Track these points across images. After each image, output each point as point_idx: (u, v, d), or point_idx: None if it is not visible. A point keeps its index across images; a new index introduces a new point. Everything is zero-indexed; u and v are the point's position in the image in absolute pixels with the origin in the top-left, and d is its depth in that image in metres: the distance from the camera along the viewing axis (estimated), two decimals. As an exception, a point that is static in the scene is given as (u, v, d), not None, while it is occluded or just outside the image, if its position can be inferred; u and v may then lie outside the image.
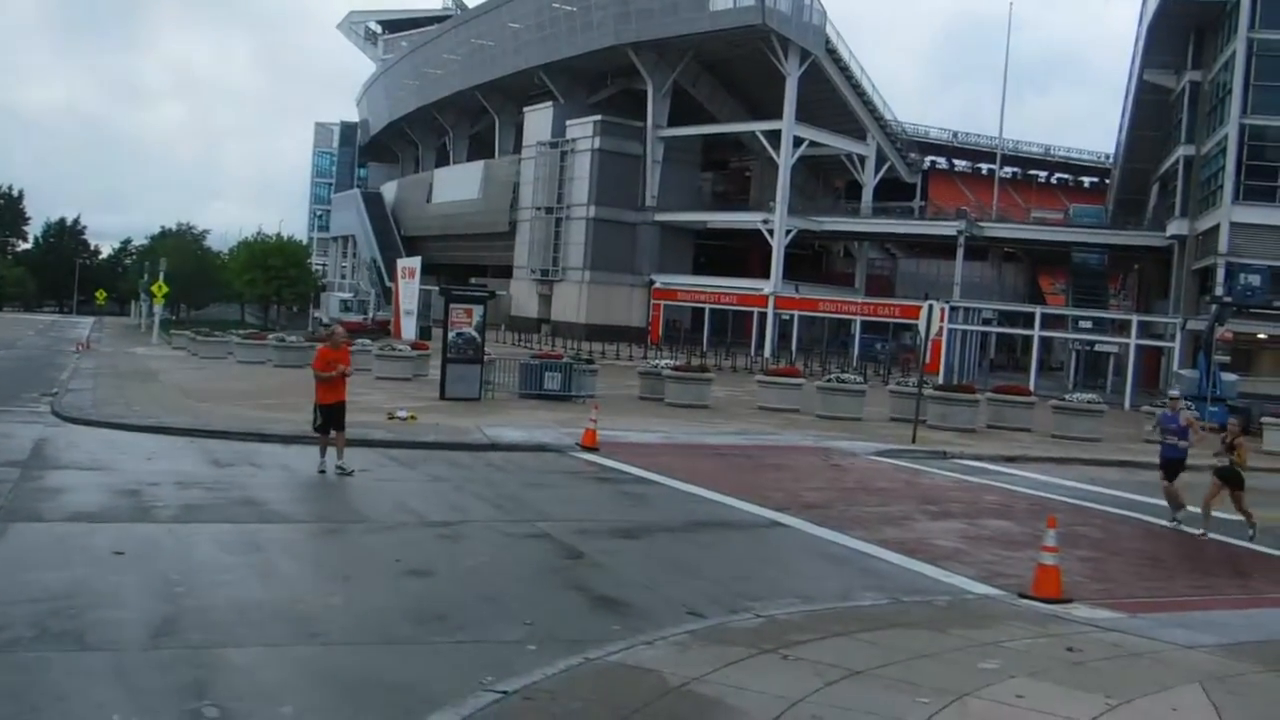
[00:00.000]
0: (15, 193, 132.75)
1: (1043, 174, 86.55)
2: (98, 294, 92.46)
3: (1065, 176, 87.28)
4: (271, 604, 8.52)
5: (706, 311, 65.89)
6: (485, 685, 6.52)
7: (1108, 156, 78.49)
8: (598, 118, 68.30)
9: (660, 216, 68.43)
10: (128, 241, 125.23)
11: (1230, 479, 13.92)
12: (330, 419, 14.88)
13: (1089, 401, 27.76)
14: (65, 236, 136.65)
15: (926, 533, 13.22)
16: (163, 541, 10.49)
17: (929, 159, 76.74)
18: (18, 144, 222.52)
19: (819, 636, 7.96)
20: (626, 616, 8.60)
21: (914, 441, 22.60)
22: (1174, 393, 16.90)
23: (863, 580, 10.46)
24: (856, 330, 60.51)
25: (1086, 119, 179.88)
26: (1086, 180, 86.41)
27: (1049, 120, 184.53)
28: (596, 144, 67.63)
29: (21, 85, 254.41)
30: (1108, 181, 76.73)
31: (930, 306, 24.07)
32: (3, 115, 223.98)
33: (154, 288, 55.02)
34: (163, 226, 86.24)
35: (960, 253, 61.46)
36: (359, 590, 9.15)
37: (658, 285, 67.83)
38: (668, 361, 34.09)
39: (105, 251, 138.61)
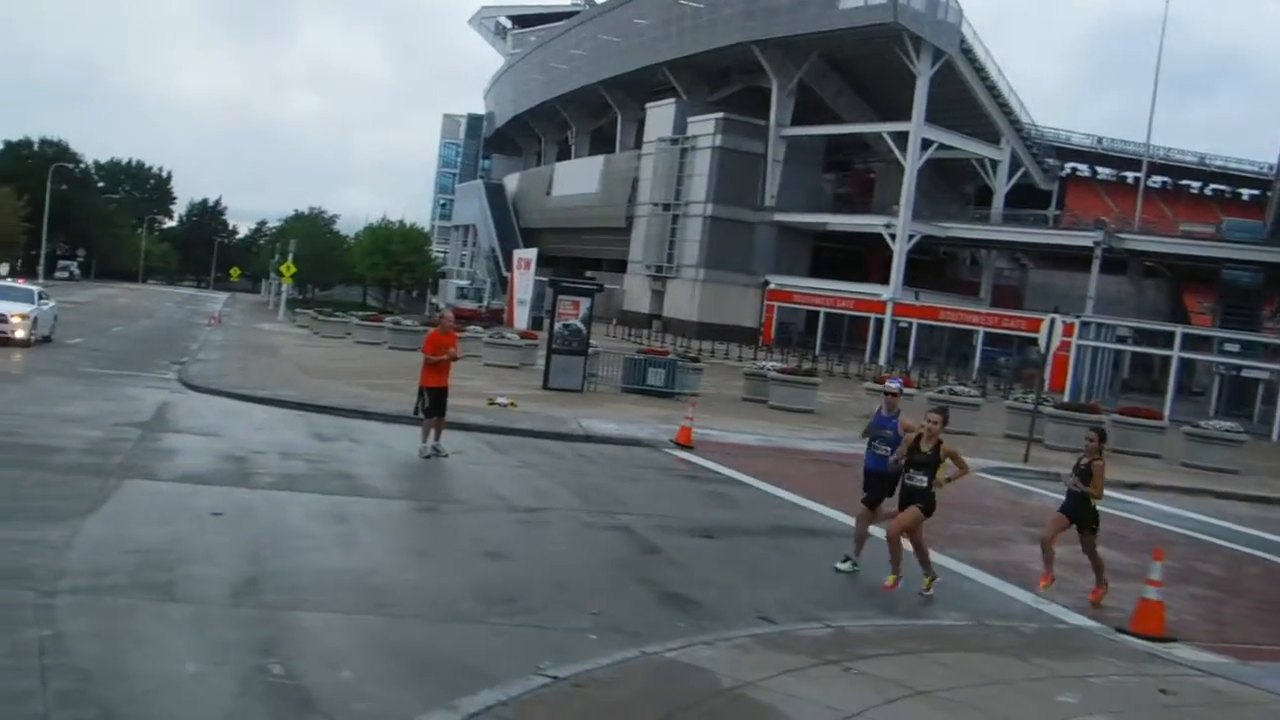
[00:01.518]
0: (165, 174, 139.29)
1: (1196, 184, 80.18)
2: (233, 271, 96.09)
3: (1221, 188, 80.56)
4: (348, 573, 8.75)
5: (821, 315, 65.10)
6: (540, 669, 6.58)
7: (1270, 167, 73.44)
8: (720, 115, 68.11)
9: (779, 217, 67.93)
10: (263, 223, 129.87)
11: (1080, 515, 10.74)
12: (435, 403, 15.15)
13: (1227, 430, 25.75)
14: (207, 216, 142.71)
15: (1025, 556, 12.66)
16: (258, 507, 10.87)
17: (1069, 165, 73.63)
18: (168, 129, 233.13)
19: (888, 652, 7.78)
20: (694, 615, 8.56)
21: (1026, 461, 21.81)
22: None
23: (947, 599, 10.15)
24: (979, 342, 58.67)
25: (1250, 126, 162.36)
26: (1245, 193, 79.28)
27: (1208, 127, 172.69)
28: (717, 141, 67.45)
29: (173, 75, 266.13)
30: (1269, 194, 71.92)
31: (1052, 320, 23.06)
32: (156, 102, 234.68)
33: (283, 267, 56.93)
34: (295, 209, 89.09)
35: (1096, 265, 58.19)
36: (434, 567, 9.33)
37: (773, 286, 67.31)
38: (774, 363, 33.84)
39: (242, 231, 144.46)
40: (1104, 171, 77.84)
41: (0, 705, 5.46)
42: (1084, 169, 76.48)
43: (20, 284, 31.84)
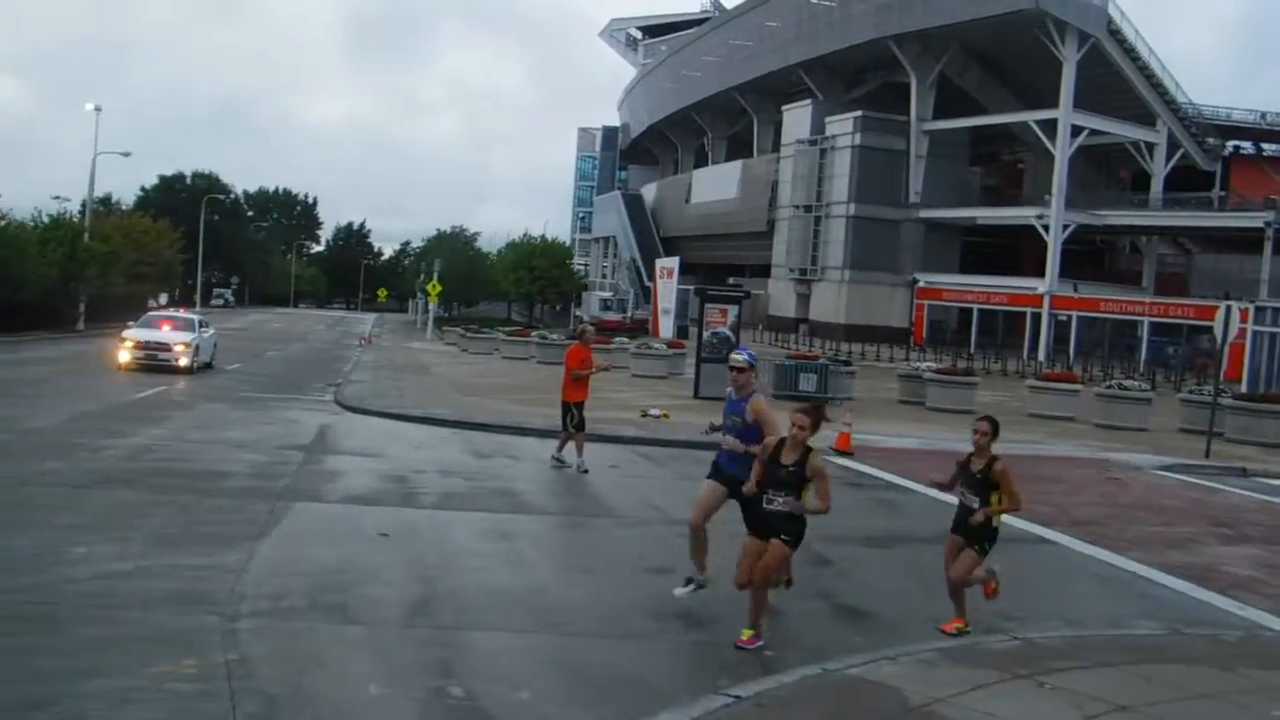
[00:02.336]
0: (310, 200, 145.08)
1: (1373, 155, 75.87)
2: (380, 292, 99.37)
3: (1401, 157, 76.18)
4: (517, 592, 8.71)
5: (974, 312, 63.35)
6: (719, 689, 6.37)
7: None
8: (858, 113, 67.05)
9: (924, 213, 66.39)
10: (407, 243, 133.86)
11: (974, 532, 8.23)
12: (580, 417, 15.11)
13: None
14: (352, 239, 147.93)
15: (1217, 558, 11.89)
16: (423, 526, 10.97)
17: (1231, 144, 69.74)
18: (313, 156, 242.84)
19: (1082, 665, 7.30)
20: (871, 629, 8.25)
21: (1207, 456, 20.56)
22: None
23: (1138, 606, 9.57)
24: (1144, 333, 56.26)
25: None
26: None
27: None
28: (857, 140, 66.38)
29: (316, 103, 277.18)
30: None
31: (1228, 308, 21.72)
32: (300, 131, 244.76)
33: (429, 286, 58.49)
34: (438, 229, 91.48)
35: (1268, 246, 55.32)
36: (602, 583, 9.23)
37: (921, 284, 65.78)
38: (929, 364, 32.95)
39: (387, 253, 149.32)
40: (1270, 148, 73.27)
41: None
42: (1248, 146, 72.20)
43: (183, 313, 33.35)
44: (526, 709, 6.16)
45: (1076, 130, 58.86)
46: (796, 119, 72.46)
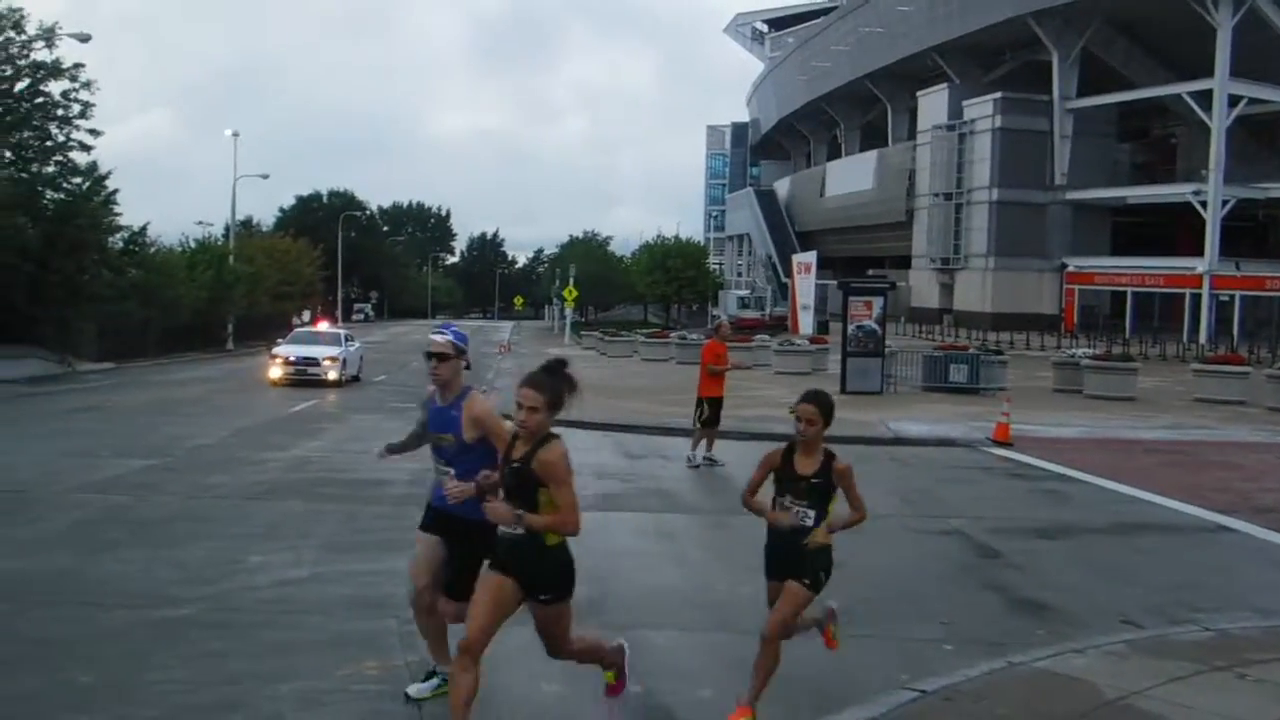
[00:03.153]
0: (444, 212, 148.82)
1: None
2: (516, 300, 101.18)
3: None
4: (684, 590, 8.73)
5: (1128, 295, 60.87)
6: (903, 683, 6.25)
7: None
8: (997, 95, 65.19)
9: (1071, 195, 64.07)
10: (539, 250, 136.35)
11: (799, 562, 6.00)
12: (712, 413, 15.09)
13: None
14: (486, 249, 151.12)
15: None
16: (586, 527, 10.98)
17: None
18: (443, 168, 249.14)
19: (1284, 656, 6.92)
20: (1050, 621, 7.97)
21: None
22: None
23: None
24: (1318, 311, 53.33)
25: None
26: None
27: None
28: (997, 123, 64.56)
29: (445, 115, 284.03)
30: None
31: None
32: (431, 144, 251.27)
33: (565, 292, 59.30)
34: (570, 235, 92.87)
35: None
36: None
37: (1071, 269, 63.54)
38: (1085, 350, 31.86)
39: (520, 261, 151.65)
40: None
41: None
42: None
43: (329, 327, 34.56)
44: (709, 707, 6.14)
45: (1234, 100, 55.86)
46: (932, 104, 70.91)
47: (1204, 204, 56.56)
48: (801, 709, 6.05)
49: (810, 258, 52.67)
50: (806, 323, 47.59)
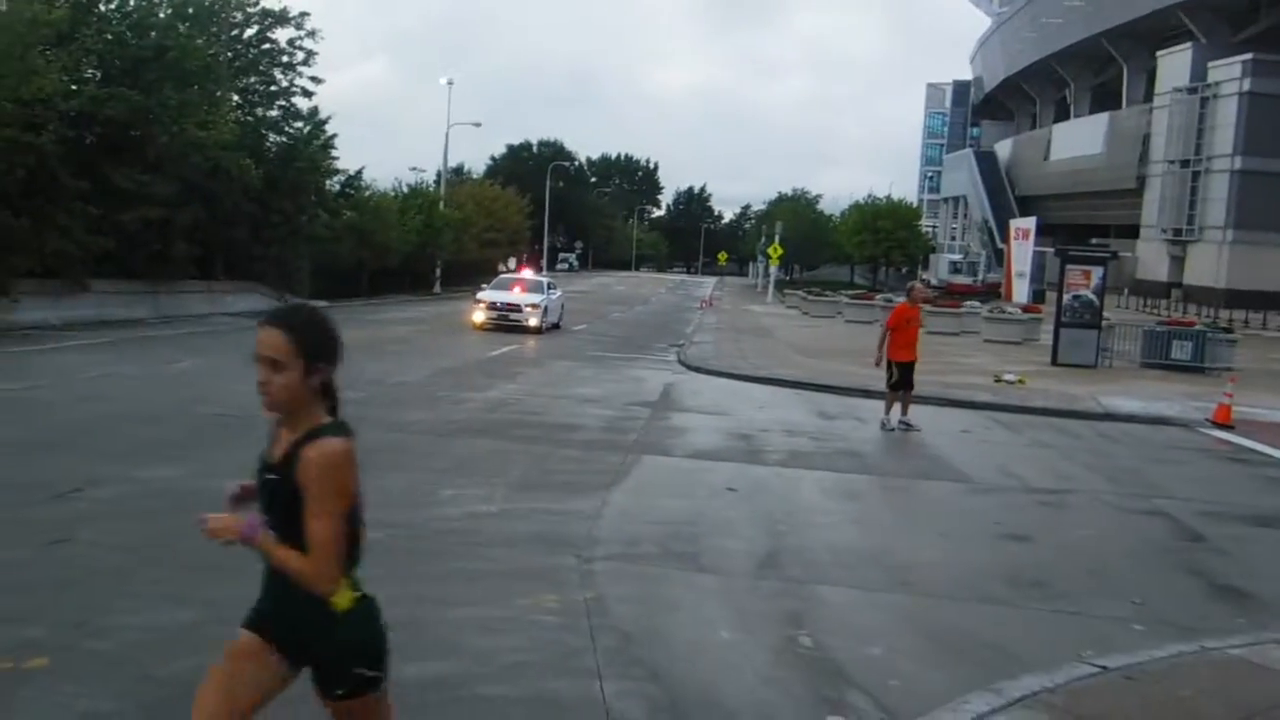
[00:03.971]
0: (652, 165, 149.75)
1: None
2: (719, 255, 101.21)
3: None
4: (865, 550, 8.71)
5: (1397, 275, 55.79)
6: (1084, 658, 6.11)
7: None
8: (1247, 56, 60.38)
9: (1325, 165, 59.03)
10: (747, 207, 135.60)
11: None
12: (903, 376, 14.85)
13: None
14: (693, 203, 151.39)
15: None
16: (770, 483, 11.16)
17: None
18: (654, 122, 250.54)
19: None
20: (1253, 611, 7.57)
21: None
22: None
23: None
24: None
25: None
26: None
27: None
28: (1245, 86, 59.91)
29: (658, 70, 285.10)
30: None
31: None
32: (643, 98, 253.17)
33: (770, 250, 58.91)
34: (779, 192, 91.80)
35: None
36: (953, 547, 9.04)
37: (1319, 245, 58.71)
38: (1326, 332, 29.55)
39: (727, 217, 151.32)
40: None
41: (558, 660, 5.91)
42: None
43: (532, 274, 35.51)
44: (879, 663, 6.15)
45: None
46: (1174, 65, 66.39)
47: None
48: (980, 671, 5.98)
49: (1029, 223, 50.37)
50: (1021, 291, 45.69)
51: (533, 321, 28.87)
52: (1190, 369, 24.26)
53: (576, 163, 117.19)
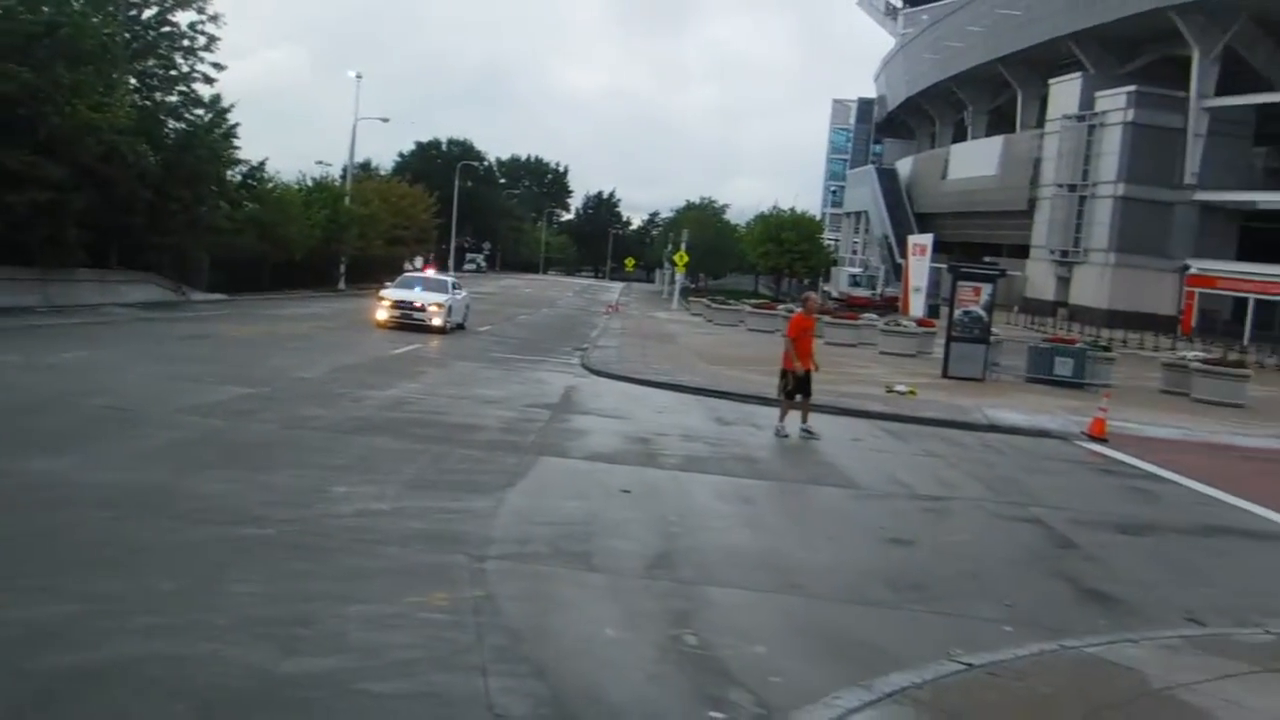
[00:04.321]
0: (562, 169, 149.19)
1: None
2: (627, 261, 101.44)
3: None
4: (756, 553, 8.92)
5: (1250, 302, 58.67)
6: (952, 656, 6.41)
7: None
8: (1132, 88, 62.87)
9: (1200, 196, 61.65)
10: (655, 214, 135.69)
11: None
12: (800, 385, 15.20)
13: None
14: (601, 208, 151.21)
15: None
16: (665, 486, 11.33)
17: None
18: (565, 125, 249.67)
19: (1348, 666, 6.89)
20: (1115, 613, 8.01)
21: None
22: None
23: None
24: None
25: None
26: None
27: None
28: (1129, 116, 62.35)
29: (570, 73, 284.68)
30: None
31: None
32: (553, 98, 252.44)
33: (676, 257, 59.37)
34: (687, 200, 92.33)
35: None
36: (841, 550, 9.33)
37: (1193, 271, 61.37)
38: (1196, 354, 30.97)
39: (635, 222, 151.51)
40: None
41: (446, 656, 5.98)
42: None
43: (435, 274, 35.11)
44: (760, 662, 6.35)
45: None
46: (1064, 93, 68.76)
47: (1343, 213, 54.12)
48: (857, 669, 6.23)
49: (927, 240, 51.76)
50: (917, 305, 46.96)
51: (437, 321, 28.67)
52: (1071, 385, 25.22)
53: (486, 163, 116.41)
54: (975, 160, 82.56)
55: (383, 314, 28.89)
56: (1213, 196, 61.34)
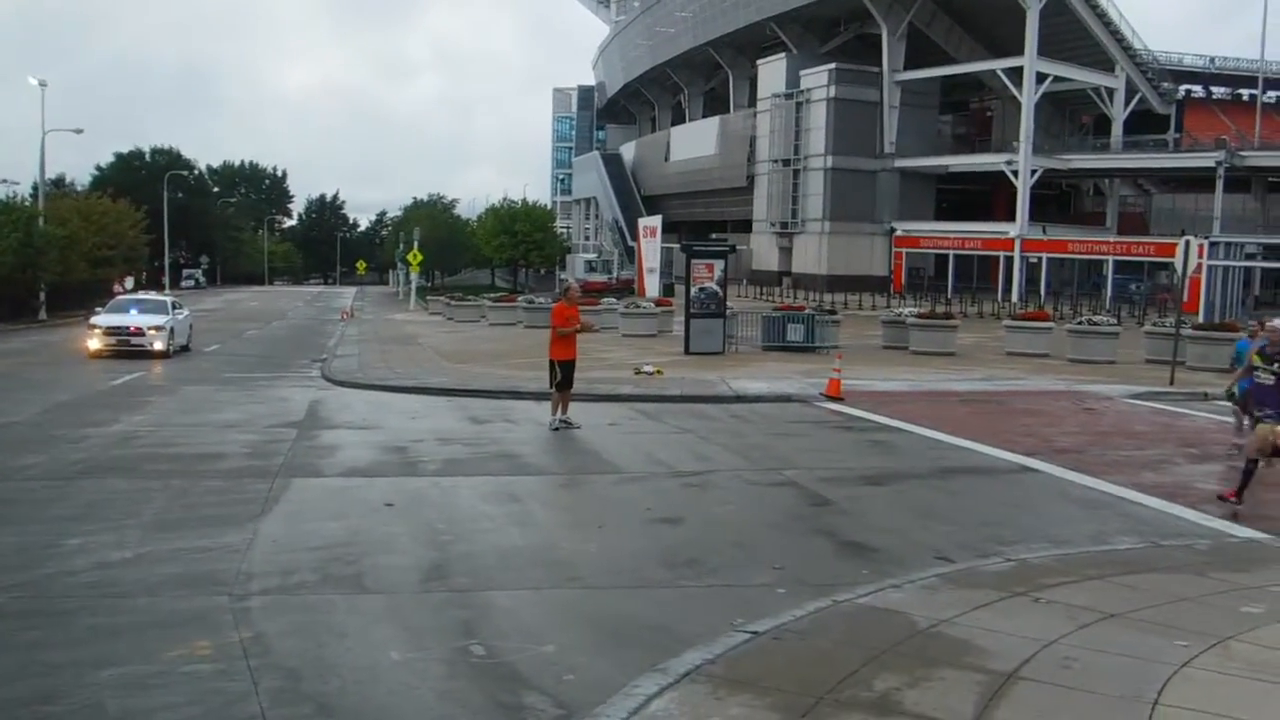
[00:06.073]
0: (280, 173, 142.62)
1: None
2: (358, 265, 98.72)
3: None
4: (531, 550, 8.91)
5: (950, 258, 64.10)
6: (736, 626, 6.63)
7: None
8: (832, 66, 66.87)
9: (899, 163, 66.59)
10: (383, 213, 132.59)
11: None
12: (565, 375, 15.31)
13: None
14: (326, 212, 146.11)
15: (1187, 476, 12.50)
16: (429, 494, 11.12)
17: (1183, 88, 70.79)
18: (278, 125, 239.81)
19: (1072, 580, 7.71)
20: (874, 561, 8.54)
21: (1172, 383, 21.44)
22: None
23: (1118, 525, 10.02)
24: (1109, 271, 58.04)
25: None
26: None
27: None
28: (832, 93, 66.29)
29: (281, 69, 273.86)
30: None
31: (1187, 243, 22.79)
32: (265, 99, 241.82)
33: (409, 256, 58.28)
34: (415, 197, 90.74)
35: (1220, 185, 57.42)
36: (613, 537, 9.44)
37: (899, 233, 66.30)
38: (911, 309, 33.34)
39: (363, 224, 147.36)
40: (1219, 91, 74.83)
41: (217, 708, 5.63)
42: (1199, 90, 73.58)
43: (154, 295, 32.97)
44: (552, 661, 6.35)
45: (1041, 77, 59.40)
46: (772, 73, 72.16)
47: (1015, 173, 59.92)
48: (648, 653, 6.32)
49: (655, 222, 53.10)
50: (653, 286, 48.14)
51: (158, 345, 26.79)
52: (804, 349, 26.61)
53: (196, 171, 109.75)
54: (695, 141, 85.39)
55: (95, 343, 26.67)
56: (910, 163, 66.39)
